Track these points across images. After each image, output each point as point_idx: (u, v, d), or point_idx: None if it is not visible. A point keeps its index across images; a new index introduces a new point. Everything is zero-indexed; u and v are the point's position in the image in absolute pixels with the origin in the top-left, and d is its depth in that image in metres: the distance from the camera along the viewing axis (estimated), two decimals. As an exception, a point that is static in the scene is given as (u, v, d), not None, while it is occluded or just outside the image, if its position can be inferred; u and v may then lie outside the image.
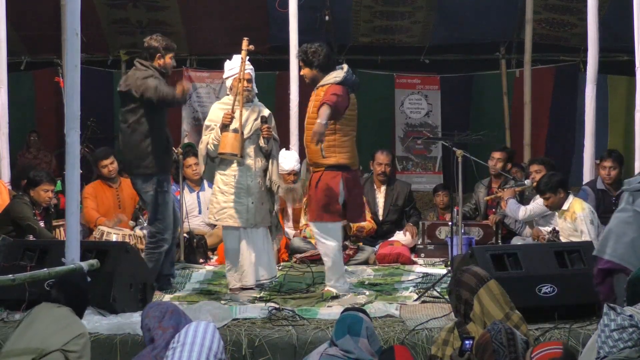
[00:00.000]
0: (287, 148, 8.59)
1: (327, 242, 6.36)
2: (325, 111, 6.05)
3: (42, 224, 7.62)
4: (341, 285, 6.42)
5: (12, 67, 9.39)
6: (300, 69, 8.85)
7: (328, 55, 6.39)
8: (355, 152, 6.48)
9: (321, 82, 6.32)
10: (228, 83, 6.68)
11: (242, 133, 6.45)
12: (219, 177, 6.65)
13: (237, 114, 6.43)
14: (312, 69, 6.37)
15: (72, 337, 4.44)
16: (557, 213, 7.23)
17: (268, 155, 6.67)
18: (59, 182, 7.68)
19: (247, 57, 6.59)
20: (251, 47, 6.49)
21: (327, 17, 11.06)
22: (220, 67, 6.79)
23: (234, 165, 6.58)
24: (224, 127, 6.44)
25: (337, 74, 6.30)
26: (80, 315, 4.75)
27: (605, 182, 7.88)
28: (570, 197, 7.08)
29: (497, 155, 8.79)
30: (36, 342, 4.39)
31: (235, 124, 6.42)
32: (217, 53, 10.74)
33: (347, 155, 6.33)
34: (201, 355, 3.77)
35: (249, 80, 6.61)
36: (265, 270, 6.68)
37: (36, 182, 7.55)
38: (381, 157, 8.66)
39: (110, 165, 8.28)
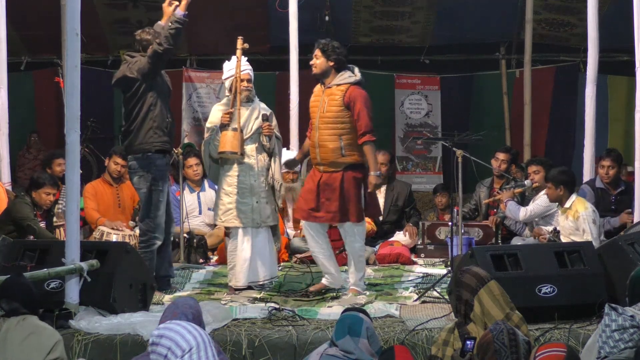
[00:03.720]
0: (287, 148, 8.58)
1: (355, 242, 6.46)
2: (371, 152, 6.27)
3: (42, 224, 7.62)
4: (363, 284, 6.55)
5: (12, 67, 9.38)
6: (299, 68, 8.85)
7: (346, 56, 6.41)
8: None
9: (335, 81, 6.30)
10: (227, 84, 6.66)
11: (242, 131, 6.45)
12: (223, 178, 6.64)
13: (235, 113, 6.42)
14: (329, 61, 6.31)
15: (50, 347, 4.37)
16: (559, 211, 7.22)
17: (271, 154, 6.66)
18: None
19: (247, 58, 6.59)
20: (245, 45, 6.47)
21: (327, 17, 11.06)
22: (220, 68, 6.78)
23: (237, 166, 6.57)
24: (223, 126, 6.43)
25: (352, 74, 6.33)
26: (37, 313, 4.64)
27: (603, 180, 7.88)
28: (574, 196, 7.07)
29: (501, 156, 8.73)
30: None
31: (234, 124, 6.41)
32: (217, 53, 10.73)
33: (361, 153, 6.34)
34: (207, 352, 3.64)
35: (249, 80, 6.60)
36: (267, 270, 6.65)
37: (39, 185, 7.55)
38: (378, 157, 8.63)
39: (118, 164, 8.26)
